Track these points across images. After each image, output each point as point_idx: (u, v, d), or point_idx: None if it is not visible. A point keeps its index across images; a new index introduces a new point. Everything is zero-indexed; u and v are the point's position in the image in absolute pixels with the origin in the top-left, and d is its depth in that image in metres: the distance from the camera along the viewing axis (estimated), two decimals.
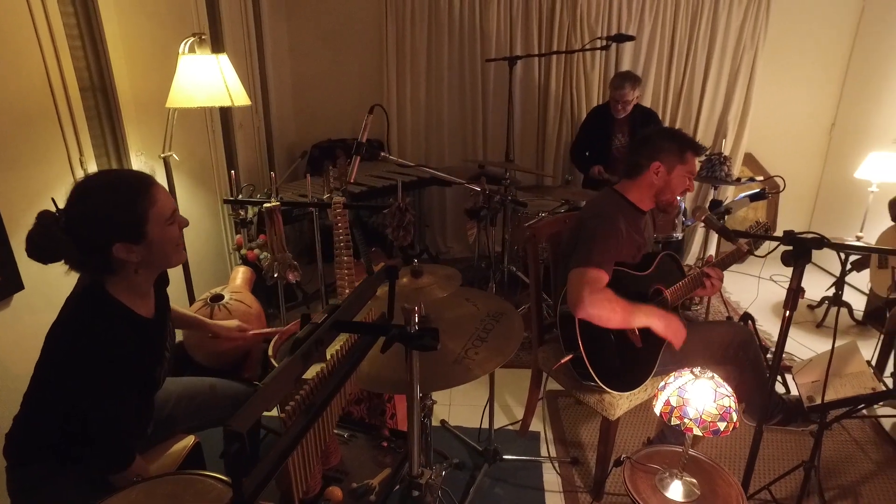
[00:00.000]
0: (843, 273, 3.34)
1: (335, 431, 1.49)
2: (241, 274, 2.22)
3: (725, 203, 2.97)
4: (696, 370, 1.45)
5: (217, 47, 2.51)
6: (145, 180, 1.28)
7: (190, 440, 1.64)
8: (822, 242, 1.50)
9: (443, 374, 1.44)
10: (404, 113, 4.28)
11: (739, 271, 4.27)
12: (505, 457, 2.32)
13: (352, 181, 1.88)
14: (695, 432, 1.37)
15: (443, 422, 2.58)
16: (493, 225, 2.07)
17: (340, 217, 2.13)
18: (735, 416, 1.39)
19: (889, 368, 2.64)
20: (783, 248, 1.58)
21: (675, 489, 1.52)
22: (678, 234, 3.23)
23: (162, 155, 2.33)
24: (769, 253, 1.71)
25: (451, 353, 1.51)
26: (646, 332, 1.96)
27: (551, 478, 2.27)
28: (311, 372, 1.07)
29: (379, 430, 1.49)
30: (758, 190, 3.06)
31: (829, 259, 4.12)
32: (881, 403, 2.63)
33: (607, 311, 1.77)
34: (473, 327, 1.64)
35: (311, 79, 4.36)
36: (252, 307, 2.10)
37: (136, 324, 1.32)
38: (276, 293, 2.71)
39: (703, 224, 1.92)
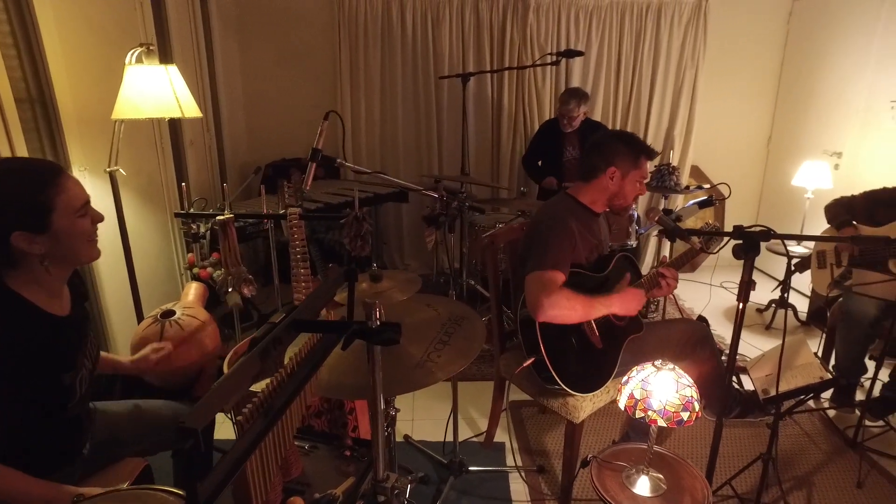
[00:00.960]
0: (788, 275, 3.49)
1: (296, 444, 1.43)
2: (193, 289, 2.14)
3: (676, 211, 3.07)
4: (658, 362, 1.47)
5: (165, 59, 2.45)
6: (54, 168, 1.21)
7: (139, 463, 1.55)
8: (768, 235, 1.56)
9: (405, 378, 1.41)
10: (359, 131, 4.27)
11: (692, 279, 4.41)
12: (471, 468, 2.29)
13: (307, 187, 1.85)
14: (659, 423, 1.38)
15: (406, 437, 2.52)
16: (452, 231, 2.07)
17: (296, 229, 2.08)
18: (697, 406, 1.41)
19: (832, 361, 2.75)
20: (735, 252, 1.64)
21: (643, 485, 1.53)
22: (632, 242, 3.31)
23: (107, 169, 2.23)
24: (720, 248, 1.77)
25: (412, 358, 1.48)
26: (606, 333, 1.98)
27: (518, 487, 2.25)
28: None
29: (341, 440, 1.44)
30: (705, 197, 3.17)
31: (774, 264, 4.30)
32: (830, 401, 2.74)
33: (567, 310, 1.78)
34: (435, 331, 1.61)
35: (263, 97, 4.31)
36: (205, 322, 2.01)
37: (42, 321, 1.23)
38: (231, 312, 2.63)
39: (656, 223, 1.97)
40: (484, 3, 4.05)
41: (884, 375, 2.61)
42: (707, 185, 3.91)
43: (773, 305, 3.71)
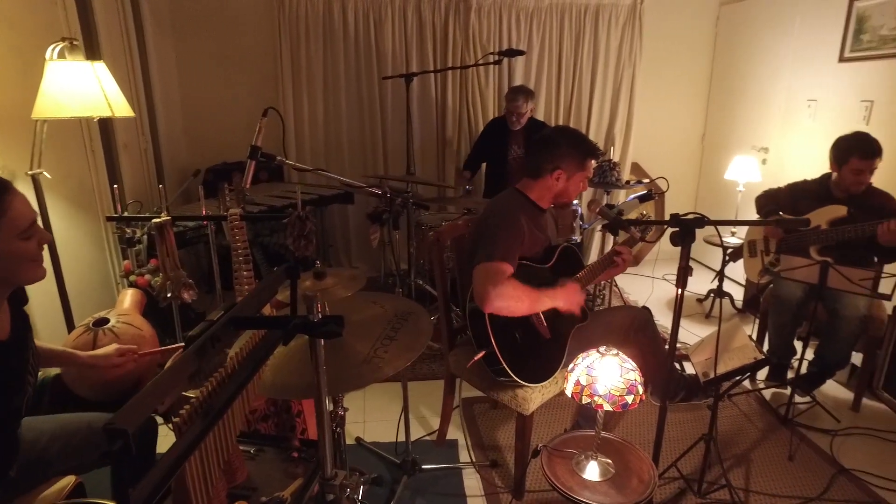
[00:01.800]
0: (724, 264, 3.65)
1: (240, 448, 1.38)
2: (129, 296, 2.04)
3: (617, 205, 3.16)
4: (602, 349, 1.50)
5: (92, 56, 2.33)
6: (1, 184, 1.14)
7: (70, 480, 1.46)
8: (702, 221, 1.63)
9: (353, 374, 1.39)
10: (302, 132, 4.20)
11: (636, 273, 4.55)
12: (424, 467, 2.28)
13: (247, 186, 1.80)
14: (605, 408, 1.41)
15: (358, 439, 2.49)
16: (397, 228, 2.06)
17: (238, 231, 2.02)
18: (641, 389, 1.45)
19: (765, 345, 2.90)
20: (672, 239, 1.70)
21: (592, 470, 1.56)
22: (577, 237, 3.39)
23: (29, 172, 2.11)
24: (660, 236, 1.83)
25: (359, 354, 1.46)
26: (553, 323, 2.02)
27: (472, 483, 2.25)
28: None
29: (288, 442, 1.40)
30: (645, 192, 3.27)
31: (711, 255, 4.49)
32: (764, 381, 2.88)
33: (514, 301, 1.80)
34: (381, 328, 1.60)
35: (201, 99, 4.17)
36: (143, 330, 1.93)
37: None
38: (171, 320, 2.52)
39: (598, 215, 2.02)
40: (426, 3, 4.06)
41: (810, 354, 2.78)
42: (647, 180, 4.05)
43: (712, 295, 3.88)
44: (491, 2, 4.11)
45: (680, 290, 1.70)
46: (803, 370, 2.68)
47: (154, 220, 2.01)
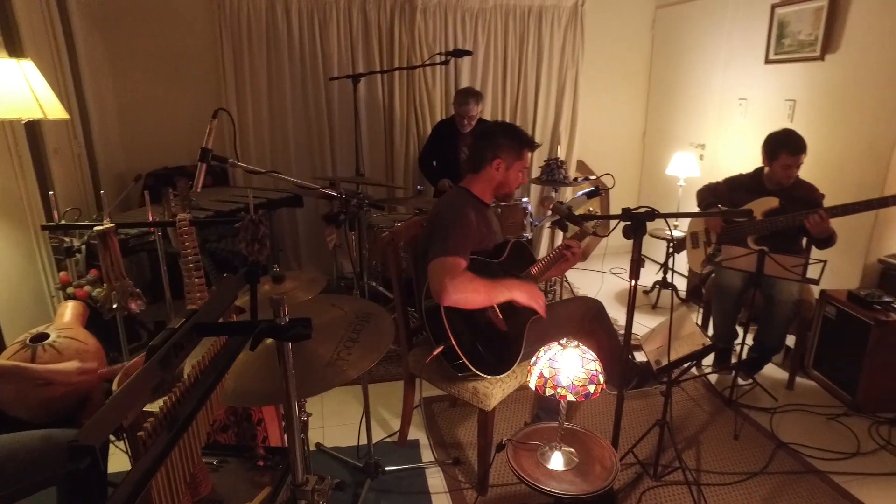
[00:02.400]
0: (668, 256, 3.81)
1: (203, 460, 1.34)
2: (70, 309, 1.92)
3: (566, 202, 3.24)
4: (563, 341, 1.54)
5: (14, 53, 2.16)
6: None
7: None
8: (652, 215, 1.69)
9: (318, 378, 1.37)
10: (247, 135, 4.09)
11: (584, 268, 4.67)
12: (387, 469, 2.27)
13: (198, 190, 1.74)
14: (569, 398, 1.45)
15: (318, 445, 2.45)
16: (353, 230, 2.04)
17: (187, 236, 1.95)
18: (602, 379, 1.49)
19: (710, 331, 3.04)
20: (625, 232, 1.76)
21: (556, 460, 1.59)
22: (528, 234, 3.46)
23: None
24: (612, 230, 1.90)
25: (322, 357, 1.44)
26: (509, 316, 2.05)
27: (436, 481, 2.26)
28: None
29: (253, 450, 1.36)
30: (592, 188, 3.37)
31: (656, 249, 4.66)
32: (711, 366, 3.02)
33: (471, 293, 1.83)
34: (343, 330, 1.58)
35: (138, 100, 3.99)
36: (88, 343, 1.82)
37: None
38: (116, 332, 2.41)
39: (551, 211, 2.07)
40: (371, 4, 4.04)
41: (750, 339, 2.94)
42: (593, 177, 4.16)
43: (658, 286, 4.03)
44: (436, 2, 4.13)
45: (633, 282, 1.77)
46: (745, 354, 2.83)
47: (96, 228, 1.91)
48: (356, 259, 2.24)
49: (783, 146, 2.65)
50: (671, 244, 3.85)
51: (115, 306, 1.94)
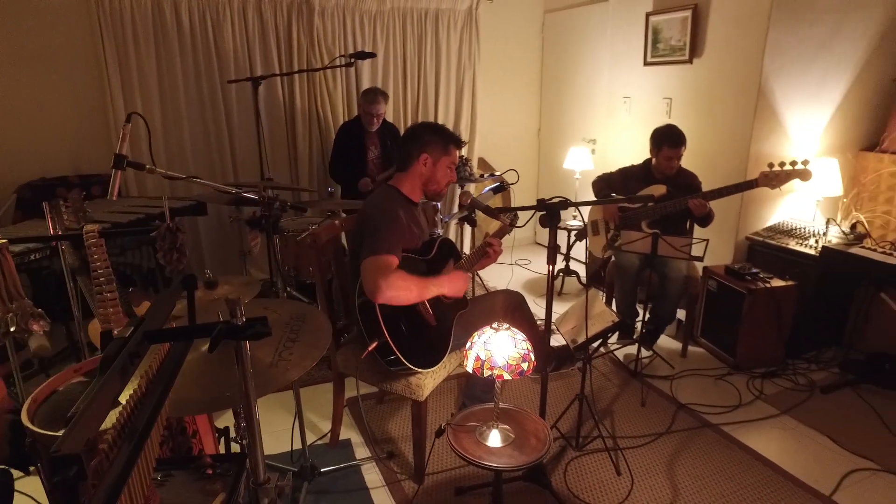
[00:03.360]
0: (571, 245, 4.08)
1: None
2: None
3: (474, 198, 3.39)
4: (495, 325, 1.64)
5: None
6: None
7: None
8: (566, 204, 1.85)
9: (262, 380, 1.36)
10: (138, 140, 3.82)
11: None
12: (322, 470, 2.26)
13: (114, 197, 1.65)
14: (505, 377, 1.55)
15: None
16: (277, 232, 2.01)
17: (96, 248, 1.83)
18: (533, 357, 1.61)
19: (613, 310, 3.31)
20: (541, 221, 1.90)
21: (494, 437, 1.70)
22: (439, 230, 3.56)
23: None
24: (528, 221, 2.03)
25: (264, 360, 1.44)
26: (438, 310, 2.13)
27: (373, 476, 2.29)
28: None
29: (199, 460, 1.33)
30: (498, 183, 3.55)
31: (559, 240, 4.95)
32: (616, 342, 3.29)
33: (404, 291, 1.88)
34: (280, 332, 1.59)
35: (7, 107, 3.61)
36: None
37: None
38: (8, 359, 2.20)
39: (469, 205, 2.18)
40: (267, 4, 3.94)
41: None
42: (498, 173, 4.35)
43: (561, 274, 4.30)
44: (334, 4, 4.11)
45: (551, 266, 1.91)
46: (643, 328, 3.13)
47: None
48: (279, 263, 2.21)
49: (665, 140, 2.96)
50: (571, 234, 4.13)
51: (12, 329, 1.77)
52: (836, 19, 3.23)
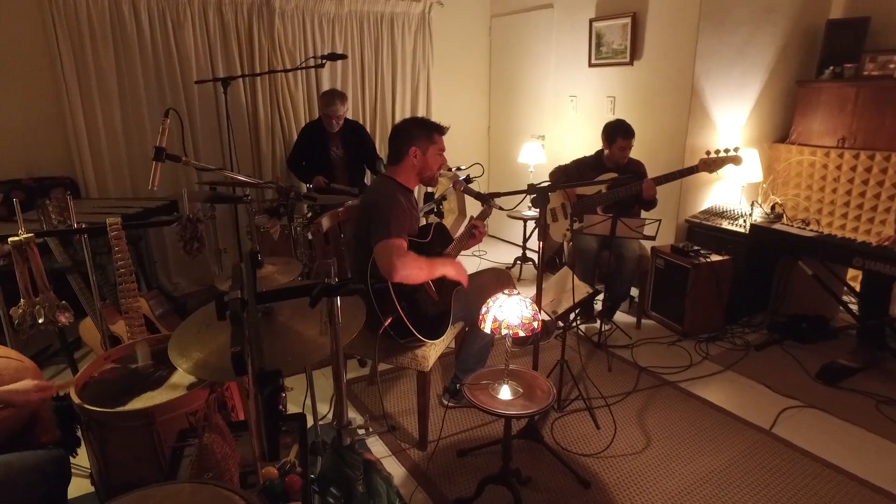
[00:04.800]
0: (530, 233, 4.38)
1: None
2: None
3: (437, 195, 3.62)
4: (506, 291, 1.88)
5: None
6: None
7: None
8: (554, 186, 2.12)
9: (313, 347, 1.50)
10: (98, 144, 3.77)
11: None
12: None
13: (155, 188, 1.74)
14: (520, 334, 1.79)
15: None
16: (292, 221, 2.14)
17: (117, 241, 1.92)
18: (540, 316, 1.86)
19: None
20: (533, 202, 2.15)
21: (506, 391, 1.93)
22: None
23: None
24: (518, 204, 2.28)
25: (310, 333, 1.58)
26: (439, 287, 2.34)
27: (379, 448, 2.46)
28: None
29: None
30: (464, 177, 3.78)
31: (511, 231, 5.26)
32: (579, 318, 3.61)
33: (416, 270, 2.08)
34: (319, 307, 1.74)
35: None
36: (24, 360, 1.70)
37: None
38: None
39: (463, 192, 2.40)
40: (228, 6, 3.99)
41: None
42: (465, 167, 4.58)
43: (519, 262, 4.61)
44: (294, 6, 4.21)
45: (541, 242, 2.17)
46: (601, 305, 3.47)
47: (11, 240, 1.78)
48: (299, 250, 2.33)
49: (619, 132, 3.31)
50: (526, 222, 4.45)
51: (39, 321, 1.82)
52: (749, 30, 3.71)
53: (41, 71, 3.61)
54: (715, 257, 3.39)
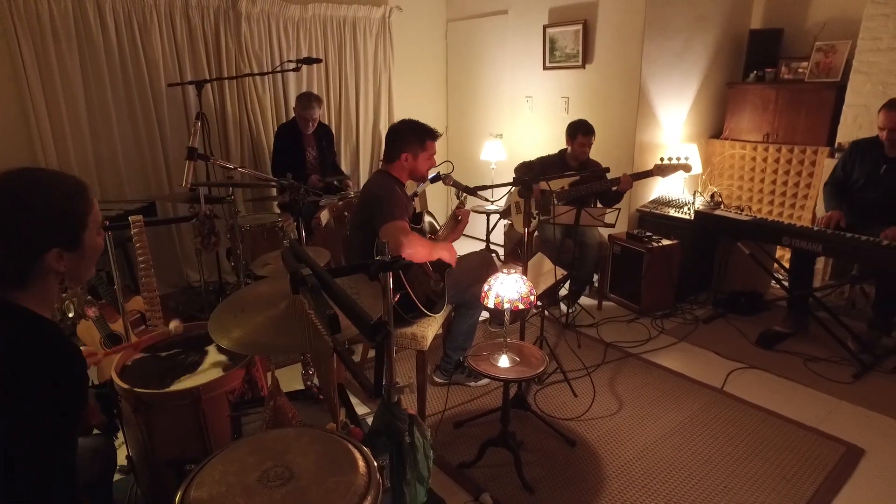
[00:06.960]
0: (493, 226, 4.65)
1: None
2: None
3: (416, 189, 3.82)
4: (505, 270, 2.12)
5: None
6: (82, 182, 1.17)
7: None
8: (537, 178, 2.38)
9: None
10: (65, 149, 3.74)
11: None
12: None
13: (188, 186, 1.86)
14: (520, 307, 2.04)
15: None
16: (307, 217, 2.29)
17: (139, 237, 2.02)
18: (535, 292, 2.11)
19: None
20: (519, 192, 2.40)
21: (504, 361, 2.17)
22: None
23: None
24: (504, 197, 2.53)
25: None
26: (434, 266, 2.56)
27: None
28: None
29: (306, 391, 1.64)
30: (435, 174, 4.00)
31: (475, 228, 5.51)
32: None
33: (420, 247, 2.30)
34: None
35: None
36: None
37: (70, 345, 1.18)
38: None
39: (453, 187, 2.62)
40: (195, 10, 4.03)
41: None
42: (439, 164, 4.79)
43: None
44: (259, 10, 4.29)
45: (527, 229, 2.43)
46: (567, 289, 3.78)
47: None
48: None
49: (580, 129, 3.63)
50: (489, 216, 4.72)
51: (70, 315, 1.91)
52: (686, 37, 4.13)
53: (2, 74, 3.54)
54: (666, 242, 3.77)
